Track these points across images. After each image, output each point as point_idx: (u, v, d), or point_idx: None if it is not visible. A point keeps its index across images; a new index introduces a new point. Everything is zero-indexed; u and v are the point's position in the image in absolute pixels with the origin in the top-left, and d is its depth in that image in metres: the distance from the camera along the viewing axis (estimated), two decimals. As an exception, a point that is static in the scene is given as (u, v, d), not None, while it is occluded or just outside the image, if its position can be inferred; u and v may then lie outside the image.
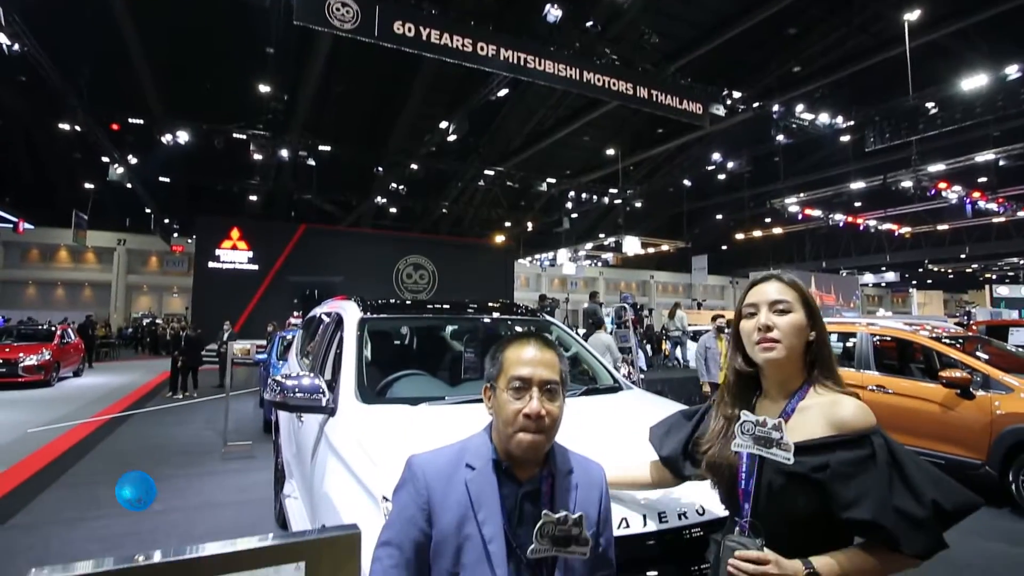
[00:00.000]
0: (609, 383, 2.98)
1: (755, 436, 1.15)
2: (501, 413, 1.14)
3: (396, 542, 1.07)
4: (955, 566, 3.73)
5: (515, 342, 1.20)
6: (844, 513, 1.08)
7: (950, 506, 1.08)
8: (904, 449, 1.14)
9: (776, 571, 1.06)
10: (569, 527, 1.03)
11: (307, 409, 2.48)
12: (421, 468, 1.13)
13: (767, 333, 1.19)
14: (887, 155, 18.30)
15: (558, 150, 22.66)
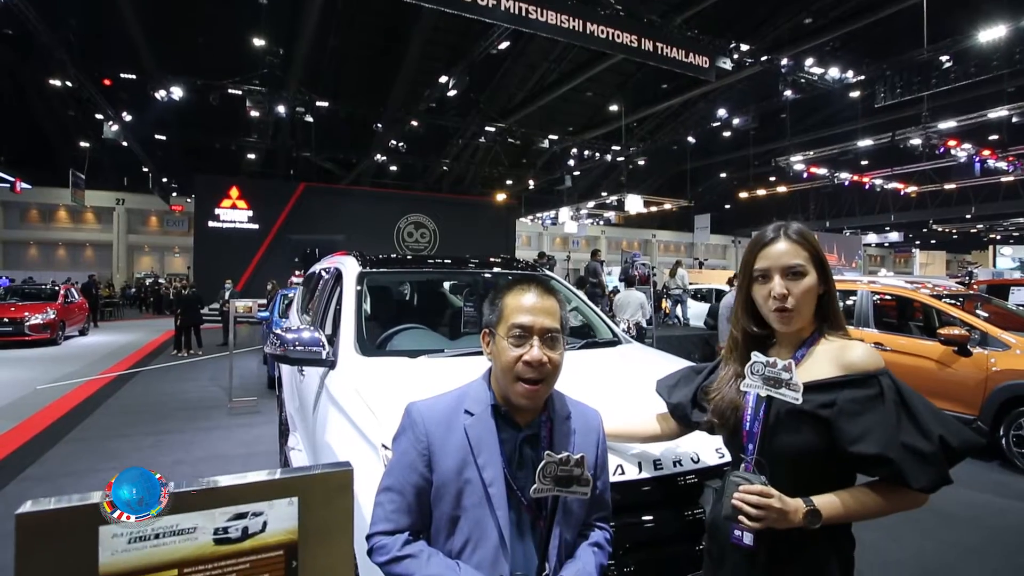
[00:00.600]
0: (608, 337, 3.00)
1: (765, 376, 1.16)
2: (500, 360, 1.13)
3: (397, 487, 1.09)
4: (942, 515, 3.84)
5: (515, 288, 1.18)
6: (851, 447, 1.09)
7: (957, 443, 1.09)
8: (912, 390, 1.15)
9: (779, 505, 1.08)
10: (571, 467, 1.05)
11: (307, 362, 2.50)
12: (420, 415, 1.14)
13: (783, 303, 1.17)
14: (897, 112, 17.90)
15: (560, 106, 22.19)
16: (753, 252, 1.25)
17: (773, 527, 1.10)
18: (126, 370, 9.31)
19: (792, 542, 1.14)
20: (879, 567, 3.13)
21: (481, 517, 1.06)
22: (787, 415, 1.14)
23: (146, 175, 24.55)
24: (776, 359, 1.16)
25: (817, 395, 1.13)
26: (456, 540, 1.07)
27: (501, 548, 1.06)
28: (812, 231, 1.28)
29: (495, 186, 27.29)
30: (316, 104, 17.02)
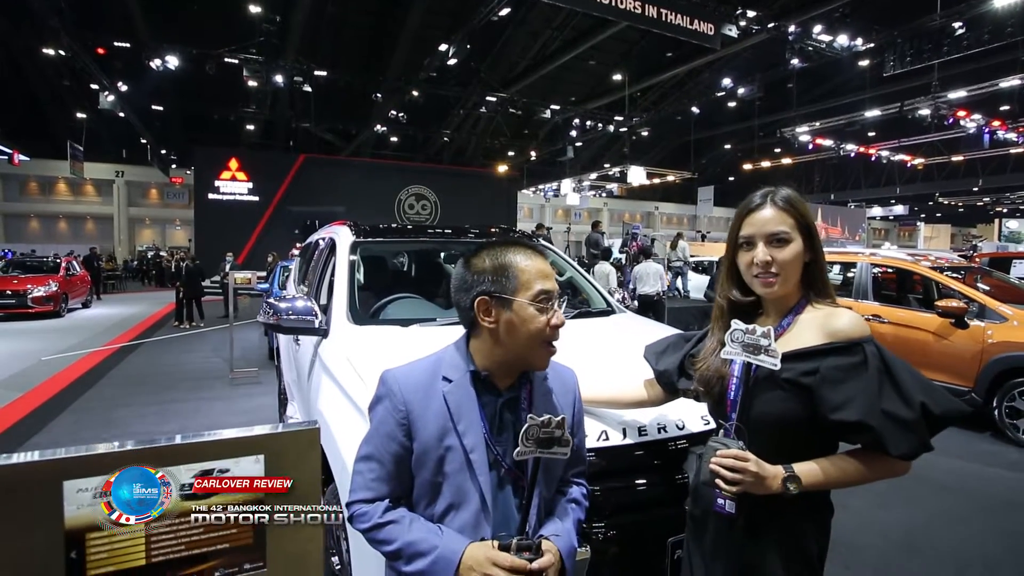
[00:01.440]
0: (602, 307, 3.01)
1: (744, 343, 1.16)
2: (527, 327, 1.10)
3: (376, 456, 1.09)
4: (931, 484, 3.90)
5: (522, 253, 1.16)
6: (832, 415, 1.09)
7: (939, 411, 1.09)
8: (896, 357, 1.15)
9: (755, 468, 1.09)
10: (552, 429, 1.05)
11: (300, 331, 2.52)
12: (397, 383, 1.13)
13: (767, 269, 1.17)
14: (905, 82, 17.53)
15: (563, 75, 21.80)
16: (739, 218, 1.25)
17: (751, 492, 1.11)
18: (129, 342, 9.39)
19: (770, 509, 1.15)
20: (865, 534, 3.19)
21: (462, 483, 1.08)
22: (769, 383, 1.15)
23: (145, 147, 24.35)
24: (755, 326, 1.15)
25: (801, 363, 1.13)
26: (438, 505, 1.09)
27: (483, 511, 1.07)
28: (808, 200, 1.26)
29: (497, 157, 27.00)
30: (314, 73, 16.72)
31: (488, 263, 1.14)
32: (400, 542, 1.03)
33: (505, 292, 1.11)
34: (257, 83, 16.41)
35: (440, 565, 1.01)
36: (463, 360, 1.16)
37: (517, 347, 1.12)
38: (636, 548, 1.53)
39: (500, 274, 1.12)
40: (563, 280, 3.28)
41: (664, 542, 1.54)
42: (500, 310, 1.12)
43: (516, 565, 1.00)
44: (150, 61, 14.47)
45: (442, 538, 1.04)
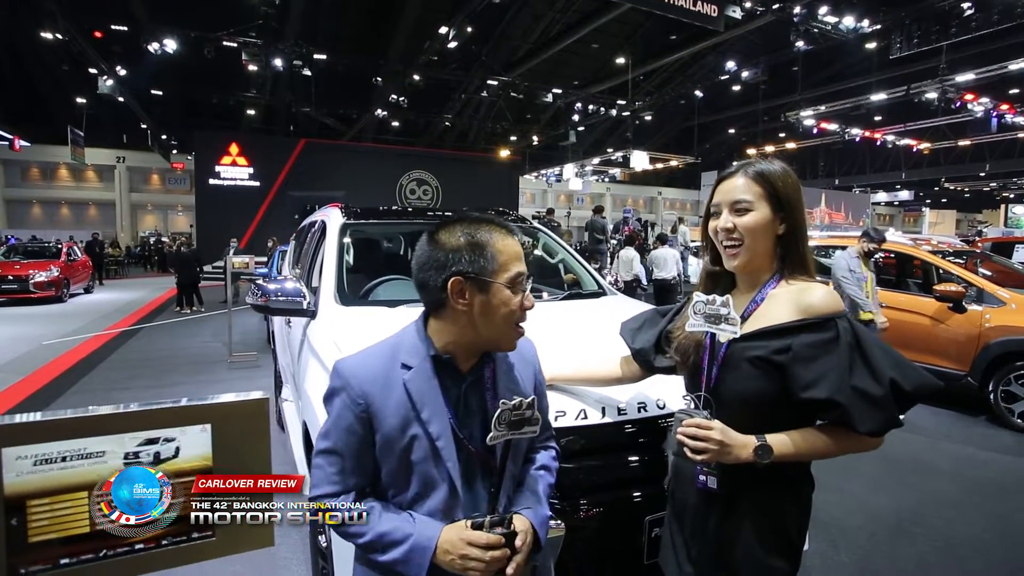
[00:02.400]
0: (593, 288, 3.00)
1: (706, 314, 1.16)
2: (502, 309, 1.07)
3: (337, 450, 1.05)
4: (924, 467, 3.91)
5: (498, 232, 1.10)
6: (803, 393, 1.09)
7: (909, 386, 1.08)
8: (869, 333, 1.14)
9: (719, 436, 1.09)
10: (523, 411, 1.05)
11: (288, 312, 2.52)
12: (353, 374, 1.07)
13: (731, 235, 1.18)
14: (912, 65, 17.29)
15: (565, 59, 21.55)
16: (712, 188, 1.25)
17: (721, 460, 1.11)
18: (130, 326, 9.44)
19: (747, 485, 1.15)
20: (855, 516, 3.20)
21: (430, 470, 1.05)
22: (743, 360, 1.15)
23: (145, 132, 24.26)
24: (715, 296, 1.16)
25: (774, 340, 1.12)
26: (407, 493, 1.07)
27: (453, 496, 1.06)
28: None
29: (498, 142, 26.82)
30: (314, 57, 16.57)
31: (463, 241, 1.07)
32: (372, 533, 1.01)
33: (483, 274, 1.05)
34: (256, 67, 16.29)
35: (416, 552, 1.00)
36: (422, 344, 1.11)
37: (489, 330, 1.09)
38: (613, 526, 1.54)
39: (477, 254, 1.06)
40: (555, 262, 3.27)
41: (642, 520, 1.55)
42: (475, 292, 1.06)
43: (491, 542, 1.01)
44: (148, 45, 14.36)
45: (415, 525, 1.02)
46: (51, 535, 0.64)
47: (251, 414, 0.71)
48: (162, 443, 0.68)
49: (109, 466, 0.66)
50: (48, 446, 0.63)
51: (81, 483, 0.65)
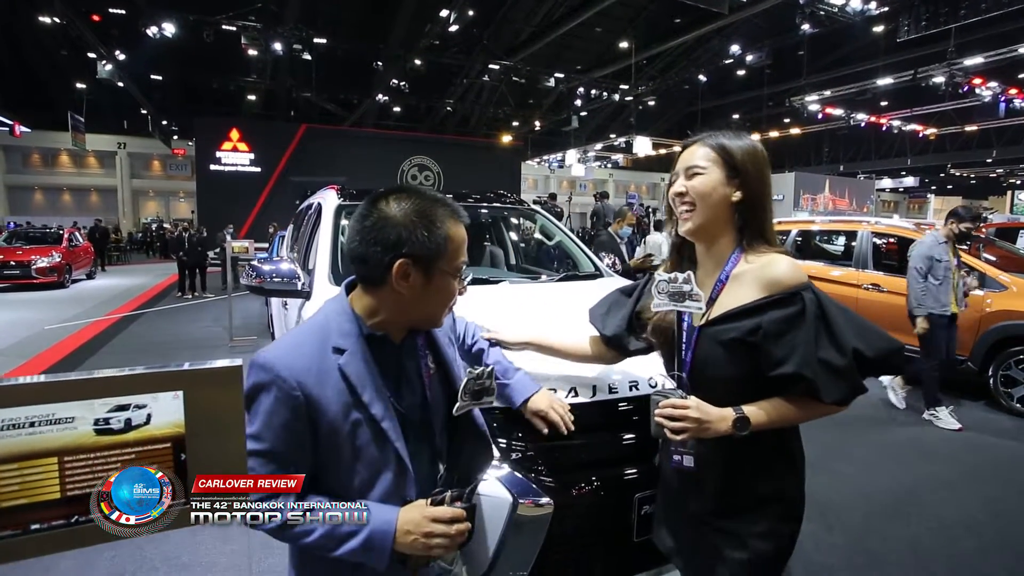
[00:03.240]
0: (590, 271, 2.99)
1: (670, 293, 1.15)
2: (440, 295, 1.05)
3: (271, 451, 0.96)
4: (921, 450, 3.91)
5: (451, 217, 1.05)
6: (774, 371, 1.09)
7: (872, 353, 1.09)
8: (833, 301, 1.14)
9: (696, 414, 1.09)
10: (484, 380, 1.06)
11: (283, 293, 2.51)
12: (285, 364, 0.97)
13: (683, 199, 1.19)
14: (919, 48, 17.05)
15: (568, 43, 21.31)
16: (676, 157, 1.27)
17: (701, 437, 1.11)
18: (132, 311, 9.47)
19: (725, 460, 1.16)
20: (851, 497, 3.21)
21: (376, 452, 1.01)
22: (717, 343, 1.15)
23: (146, 118, 24.16)
24: (676, 273, 1.15)
25: (744, 320, 1.12)
26: (356, 480, 1.01)
27: (402, 475, 1.03)
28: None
29: (500, 127, 26.63)
30: (314, 41, 16.40)
31: (416, 220, 1.01)
32: (322, 529, 0.94)
33: (431, 259, 1.01)
34: (256, 51, 16.13)
35: (376, 537, 0.95)
36: (352, 323, 1.04)
37: (424, 312, 1.07)
38: (603, 503, 1.54)
39: (429, 237, 1.00)
40: (552, 244, 3.26)
41: (632, 498, 1.55)
42: (419, 275, 1.01)
43: (456, 515, 0.99)
44: (146, 28, 14.23)
45: (369, 511, 0.96)
46: (21, 500, 0.64)
47: (224, 381, 0.71)
48: (133, 409, 0.67)
49: (79, 432, 0.65)
50: (15, 411, 0.62)
51: (51, 449, 0.64)
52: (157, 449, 0.69)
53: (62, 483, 0.65)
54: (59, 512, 0.66)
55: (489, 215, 3.54)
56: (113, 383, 0.66)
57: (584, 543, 1.53)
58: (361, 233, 1.02)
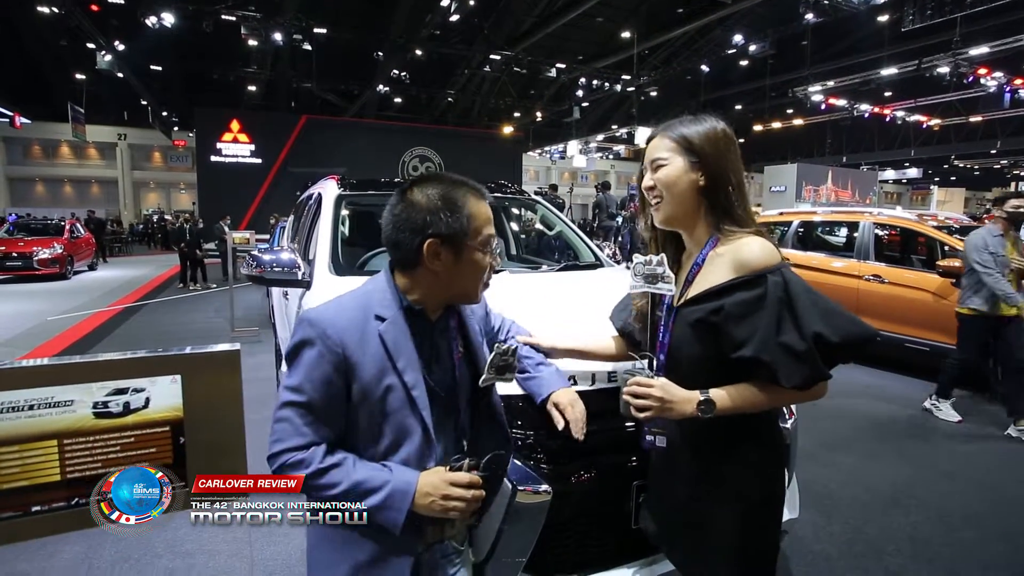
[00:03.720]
0: (590, 260, 2.98)
1: (644, 275, 1.18)
2: (473, 271, 1.11)
3: (308, 402, 1.02)
4: (922, 443, 3.92)
5: (472, 196, 1.12)
6: (734, 353, 1.09)
7: (837, 338, 1.06)
8: (803, 285, 1.12)
9: (660, 393, 1.11)
10: (508, 357, 1.10)
11: (283, 282, 2.52)
12: (330, 324, 1.05)
13: (652, 192, 1.21)
14: (924, 38, 16.89)
15: (569, 33, 21.13)
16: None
17: (666, 416, 1.12)
18: (134, 303, 9.49)
19: (698, 441, 1.19)
20: (850, 487, 3.22)
21: (405, 419, 1.06)
22: (686, 323, 1.17)
23: (146, 109, 24.08)
24: (651, 256, 1.18)
25: (709, 302, 1.13)
26: (381, 444, 1.07)
27: (427, 444, 1.08)
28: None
29: (502, 118, 26.50)
30: (314, 31, 16.31)
31: (440, 203, 1.08)
32: (348, 482, 1.00)
33: (458, 237, 1.08)
34: (256, 41, 16.07)
35: (396, 497, 1.00)
36: (394, 296, 1.12)
37: (460, 287, 1.13)
38: (601, 490, 1.55)
39: (453, 217, 1.07)
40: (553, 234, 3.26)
41: (630, 485, 1.55)
42: (449, 253, 1.08)
43: (473, 480, 1.04)
44: (145, 18, 14.16)
45: (392, 473, 1.03)
46: (21, 482, 0.64)
47: (222, 365, 0.71)
48: (131, 393, 0.68)
49: (78, 415, 0.66)
50: (14, 394, 0.63)
51: (50, 431, 0.65)
52: (156, 433, 0.70)
53: (62, 466, 0.66)
54: (60, 494, 0.66)
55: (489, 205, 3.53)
56: (111, 367, 0.67)
57: (582, 530, 1.54)
58: (393, 221, 1.11)
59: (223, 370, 0.71)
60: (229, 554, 2.52)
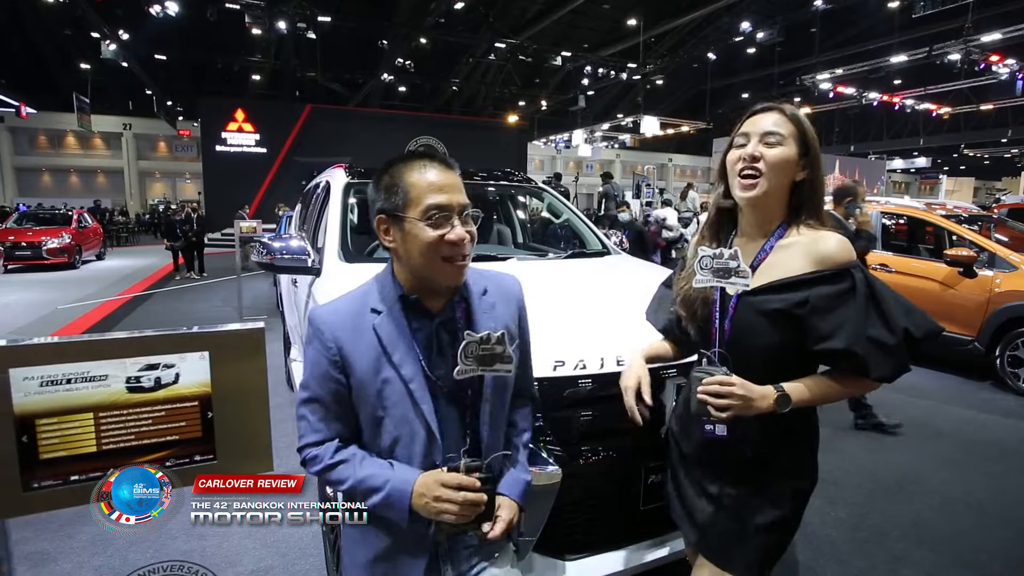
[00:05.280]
0: (597, 248, 3.00)
1: (714, 269, 1.14)
2: (417, 244, 1.05)
3: (316, 398, 1.07)
4: (926, 429, 3.93)
5: (412, 165, 1.08)
6: (819, 345, 1.11)
7: (919, 333, 1.11)
8: (881, 282, 1.15)
9: (741, 391, 1.10)
10: (492, 345, 1.03)
11: (293, 270, 2.55)
12: (324, 321, 1.08)
13: (752, 164, 1.15)
14: (935, 25, 16.67)
15: (575, 20, 20.99)
16: (741, 121, 1.23)
17: (742, 414, 1.12)
18: (142, 291, 9.56)
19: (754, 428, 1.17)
20: (855, 474, 3.24)
21: (405, 413, 1.06)
22: (757, 313, 1.15)
23: (151, 99, 24.08)
24: (722, 249, 1.14)
25: (790, 293, 1.13)
26: (384, 439, 1.07)
27: (430, 440, 1.06)
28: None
29: (507, 108, 26.38)
30: (318, 20, 16.25)
31: (384, 180, 1.10)
32: (352, 480, 1.03)
33: (397, 210, 1.06)
34: (260, 30, 16.02)
35: (395, 497, 1.01)
36: (391, 287, 1.12)
37: (417, 265, 1.07)
38: (612, 472, 1.57)
39: (391, 191, 1.07)
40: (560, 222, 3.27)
41: (640, 467, 1.58)
42: (396, 229, 1.08)
43: (464, 483, 1.01)
44: (149, 7, 14.13)
45: (393, 471, 1.03)
46: (60, 453, 0.67)
47: (248, 343, 0.74)
48: (162, 369, 0.70)
49: (112, 389, 0.68)
50: (53, 368, 0.65)
51: (86, 404, 0.68)
52: (185, 407, 0.73)
53: (98, 437, 0.69)
54: (95, 465, 0.69)
55: (496, 193, 3.55)
56: (144, 343, 0.69)
57: (594, 511, 1.57)
58: (369, 207, 1.14)
59: (249, 347, 0.74)
60: (242, 535, 2.57)
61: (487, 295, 1.18)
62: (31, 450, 0.66)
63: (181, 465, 0.74)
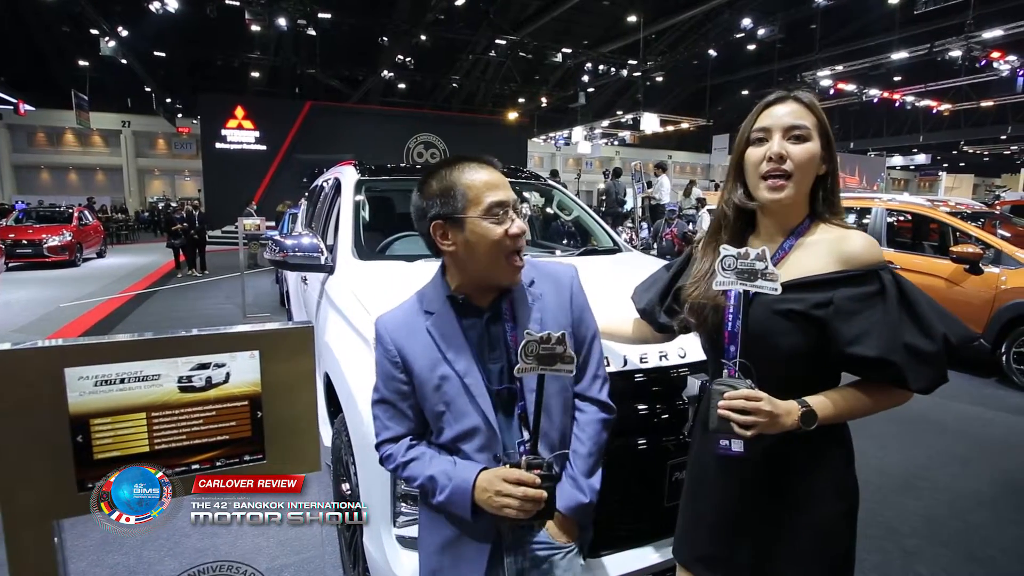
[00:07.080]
0: (609, 245, 3.00)
1: (738, 270, 1.03)
2: (484, 242, 1.07)
3: (385, 398, 1.15)
4: (933, 426, 3.95)
5: (464, 168, 1.11)
6: (848, 349, 1.01)
7: (956, 339, 1.03)
8: (912, 284, 1.07)
9: (769, 408, 0.99)
10: (553, 345, 1.00)
11: (306, 267, 2.54)
12: (385, 326, 1.17)
13: (779, 164, 1.05)
14: (936, 21, 16.66)
15: (575, 17, 20.90)
16: (755, 114, 1.13)
17: (766, 432, 1.00)
18: (144, 289, 9.55)
19: (784, 446, 1.07)
20: (863, 472, 3.22)
21: (464, 407, 1.10)
22: (775, 315, 1.04)
23: (150, 96, 24.00)
24: (747, 249, 1.03)
25: (812, 293, 1.03)
26: (447, 433, 1.12)
27: (489, 433, 1.10)
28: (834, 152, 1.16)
29: (506, 104, 26.33)
30: (318, 16, 16.19)
31: (436, 186, 1.12)
32: (423, 477, 1.09)
33: (456, 212, 1.09)
34: (260, 27, 15.96)
35: (458, 493, 1.06)
36: (441, 288, 1.18)
37: (480, 265, 1.10)
38: (637, 469, 1.58)
39: (448, 195, 1.09)
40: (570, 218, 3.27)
41: (664, 464, 1.58)
42: (455, 231, 1.10)
43: (523, 478, 1.01)
44: (148, 3, 14.07)
45: (456, 468, 1.08)
46: (114, 452, 0.67)
47: (298, 341, 0.73)
48: (213, 368, 0.70)
49: (164, 389, 0.68)
50: (107, 368, 0.65)
51: (139, 404, 0.68)
52: (236, 407, 0.73)
53: (150, 437, 0.69)
54: (148, 464, 0.69)
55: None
56: (195, 342, 0.69)
57: (618, 507, 1.57)
58: (414, 214, 1.17)
59: (298, 346, 0.74)
60: (256, 534, 2.57)
61: (534, 285, 1.20)
62: (86, 450, 0.65)
63: (231, 464, 0.74)
